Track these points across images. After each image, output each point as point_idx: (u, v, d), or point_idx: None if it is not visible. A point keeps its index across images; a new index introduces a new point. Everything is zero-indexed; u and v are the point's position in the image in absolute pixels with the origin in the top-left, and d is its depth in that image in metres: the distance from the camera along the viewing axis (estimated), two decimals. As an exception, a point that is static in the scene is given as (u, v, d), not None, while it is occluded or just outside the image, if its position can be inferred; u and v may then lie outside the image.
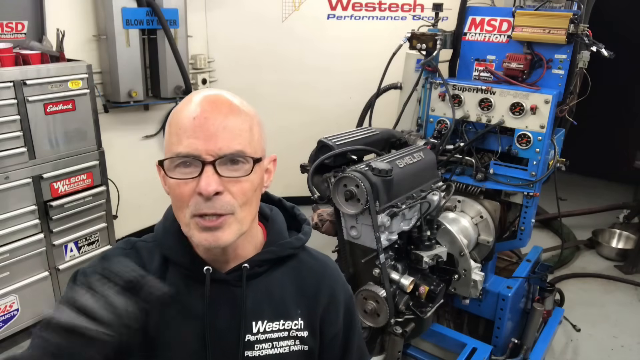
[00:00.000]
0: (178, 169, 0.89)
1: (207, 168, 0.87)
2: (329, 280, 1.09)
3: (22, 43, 2.93)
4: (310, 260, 1.09)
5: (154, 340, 0.96)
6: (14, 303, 2.89)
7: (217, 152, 0.87)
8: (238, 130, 0.90)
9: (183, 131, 0.88)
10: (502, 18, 2.50)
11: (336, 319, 1.08)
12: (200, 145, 0.87)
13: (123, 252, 1.01)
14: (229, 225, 0.90)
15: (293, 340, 1.02)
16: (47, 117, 2.84)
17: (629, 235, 4.51)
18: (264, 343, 1.00)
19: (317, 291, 1.06)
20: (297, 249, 1.07)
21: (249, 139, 0.91)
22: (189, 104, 0.91)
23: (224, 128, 0.88)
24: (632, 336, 3.29)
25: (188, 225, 0.91)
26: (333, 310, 1.08)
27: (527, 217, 2.49)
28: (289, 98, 4.66)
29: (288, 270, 1.05)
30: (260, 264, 1.01)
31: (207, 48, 4.37)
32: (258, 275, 1.01)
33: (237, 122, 0.90)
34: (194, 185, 0.88)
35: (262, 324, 1.00)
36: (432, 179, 2.15)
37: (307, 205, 2.39)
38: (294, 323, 1.02)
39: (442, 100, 2.53)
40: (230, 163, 0.89)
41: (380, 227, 1.81)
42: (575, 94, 2.60)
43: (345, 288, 1.13)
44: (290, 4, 4.42)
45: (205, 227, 0.89)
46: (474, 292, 2.23)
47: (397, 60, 2.71)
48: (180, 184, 0.89)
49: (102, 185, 3.22)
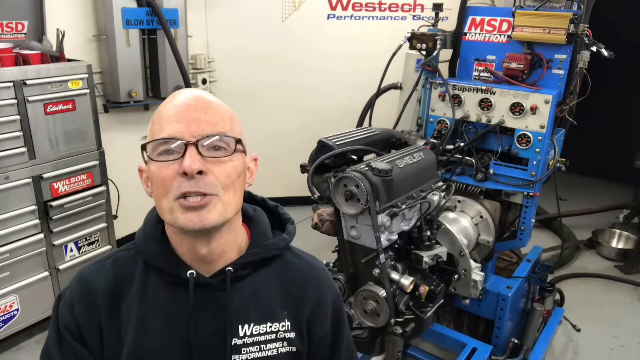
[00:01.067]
0: (161, 156, 0.90)
1: (190, 148, 0.88)
2: (316, 280, 1.08)
3: (22, 43, 2.93)
4: (296, 260, 1.09)
5: (140, 348, 0.95)
6: (14, 303, 2.89)
7: (200, 133, 0.89)
8: (219, 116, 0.93)
9: (165, 119, 0.91)
10: (502, 18, 2.50)
11: (324, 320, 1.08)
12: (182, 128, 0.89)
13: (97, 267, 1.00)
14: (214, 205, 0.90)
15: (281, 342, 1.01)
16: (47, 117, 2.84)
17: (629, 235, 4.51)
18: (252, 346, 0.99)
19: (303, 292, 1.05)
20: (282, 250, 1.06)
21: (230, 126, 0.94)
22: (171, 99, 0.95)
23: (205, 113, 0.91)
24: (632, 336, 3.29)
25: (171, 210, 0.90)
26: (321, 311, 1.07)
27: (527, 217, 2.49)
28: (289, 98, 4.67)
29: (273, 271, 1.04)
30: (244, 267, 1.00)
31: (207, 48, 4.37)
32: (242, 277, 1.00)
33: (218, 110, 0.93)
34: (176, 168, 0.88)
35: (248, 327, 0.99)
36: (432, 179, 2.15)
37: (307, 205, 2.40)
38: (281, 325, 1.01)
39: (442, 100, 2.53)
40: (213, 146, 0.91)
41: (380, 227, 1.81)
42: (575, 94, 2.60)
43: (332, 288, 1.12)
44: (290, 4, 4.42)
45: (189, 207, 0.88)
46: (474, 292, 2.22)
47: (397, 60, 2.71)
48: (162, 168, 0.89)
49: (102, 185, 3.22)
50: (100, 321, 0.96)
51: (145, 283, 0.97)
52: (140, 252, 1.00)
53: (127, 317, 0.96)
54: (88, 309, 0.96)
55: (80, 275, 1.00)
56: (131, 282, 0.98)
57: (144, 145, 0.93)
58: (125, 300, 0.97)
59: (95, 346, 0.96)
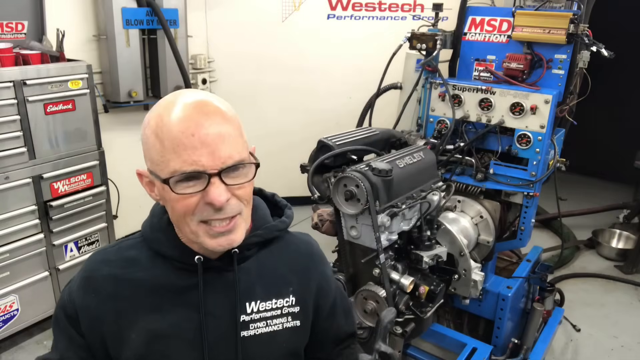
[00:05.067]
0: (180, 183, 0.90)
1: (214, 180, 0.90)
2: (316, 256, 1.18)
3: (22, 43, 2.93)
4: (295, 240, 1.17)
5: (153, 329, 0.99)
6: (14, 303, 2.89)
7: (221, 165, 0.90)
8: (233, 139, 0.92)
9: (182, 148, 0.88)
10: (502, 18, 2.50)
11: (329, 289, 1.18)
12: (204, 161, 0.89)
13: (101, 257, 1.05)
14: (239, 226, 0.97)
15: (285, 318, 1.08)
16: (47, 117, 2.84)
17: (629, 235, 4.51)
18: (259, 322, 1.05)
19: (307, 268, 1.14)
20: (282, 231, 1.13)
21: (242, 144, 0.95)
22: (176, 114, 0.89)
23: (222, 140, 0.90)
24: (632, 336, 3.29)
25: (195, 232, 0.94)
26: (325, 282, 1.17)
27: (527, 217, 2.49)
28: (289, 98, 4.67)
29: (276, 251, 1.11)
30: (248, 248, 1.06)
31: (207, 48, 4.37)
32: (247, 258, 1.07)
33: (230, 130, 0.92)
34: (200, 197, 0.91)
35: (255, 304, 1.05)
36: (432, 179, 2.15)
37: (307, 205, 2.40)
38: (285, 300, 1.08)
39: (442, 100, 2.53)
40: (232, 171, 0.93)
41: (380, 227, 1.81)
42: (575, 94, 2.60)
43: (327, 262, 1.23)
44: (290, 4, 4.42)
45: (219, 233, 0.94)
46: (474, 292, 2.23)
47: (397, 60, 2.71)
48: (186, 197, 0.91)
49: (102, 185, 3.22)
50: (99, 306, 1.00)
51: (153, 269, 1.02)
52: (147, 241, 1.05)
53: (135, 301, 1.00)
54: (87, 293, 1.01)
55: (86, 261, 1.07)
56: (136, 268, 1.02)
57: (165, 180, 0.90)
58: (130, 286, 1.01)
59: (87, 330, 1.01)
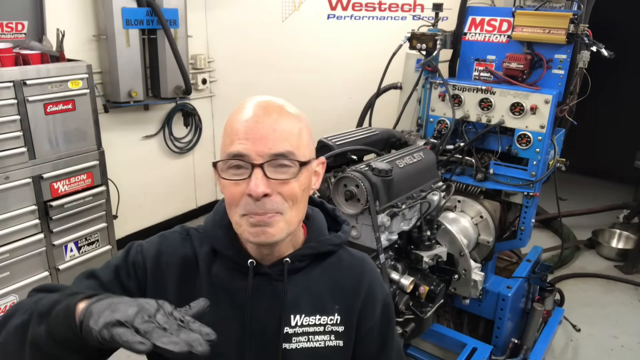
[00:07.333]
0: (230, 170, 0.94)
1: (256, 170, 0.91)
2: (368, 276, 1.13)
3: (22, 43, 2.93)
4: (349, 257, 1.14)
5: None
6: (14, 303, 2.88)
7: (267, 152, 0.91)
8: (287, 133, 0.94)
9: (235, 134, 0.93)
10: (502, 18, 2.50)
11: (372, 313, 1.12)
12: (250, 146, 0.91)
13: (180, 237, 1.08)
14: (276, 222, 0.95)
15: (328, 335, 1.06)
16: (47, 117, 2.84)
17: (629, 235, 4.51)
18: (301, 336, 1.04)
19: (355, 286, 1.10)
20: (337, 246, 1.11)
21: (298, 142, 0.95)
22: (242, 110, 0.96)
23: (273, 130, 0.93)
24: (632, 336, 3.30)
25: (238, 223, 0.96)
26: (370, 304, 1.11)
27: (527, 217, 2.49)
28: (289, 98, 4.55)
29: (327, 266, 1.09)
30: (300, 259, 1.05)
31: (207, 48, 4.37)
32: (298, 270, 1.06)
33: (286, 126, 0.94)
34: (245, 187, 0.92)
35: (299, 317, 1.04)
36: (432, 179, 2.15)
37: (307, 205, 2.39)
38: (330, 318, 1.06)
39: (442, 100, 2.53)
40: (279, 166, 0.93)
41: (380, 227, 1.81)
42: (575, 94, 2.60)
43: (382, 286, 1.17)
44: (290, 4, 4.42)
45: (254, 223, 0.94)
46: (474, 292, 2.22)
47: (397, 60, 2.71)
48: (232, 184, 0.94)
49: (102, 185, 3.22)
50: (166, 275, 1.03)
51: (210, 265, 1.04)
52: (208, 236, 1.07)
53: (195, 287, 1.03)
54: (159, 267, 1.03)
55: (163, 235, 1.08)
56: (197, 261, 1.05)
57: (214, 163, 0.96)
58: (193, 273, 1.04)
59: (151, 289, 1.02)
